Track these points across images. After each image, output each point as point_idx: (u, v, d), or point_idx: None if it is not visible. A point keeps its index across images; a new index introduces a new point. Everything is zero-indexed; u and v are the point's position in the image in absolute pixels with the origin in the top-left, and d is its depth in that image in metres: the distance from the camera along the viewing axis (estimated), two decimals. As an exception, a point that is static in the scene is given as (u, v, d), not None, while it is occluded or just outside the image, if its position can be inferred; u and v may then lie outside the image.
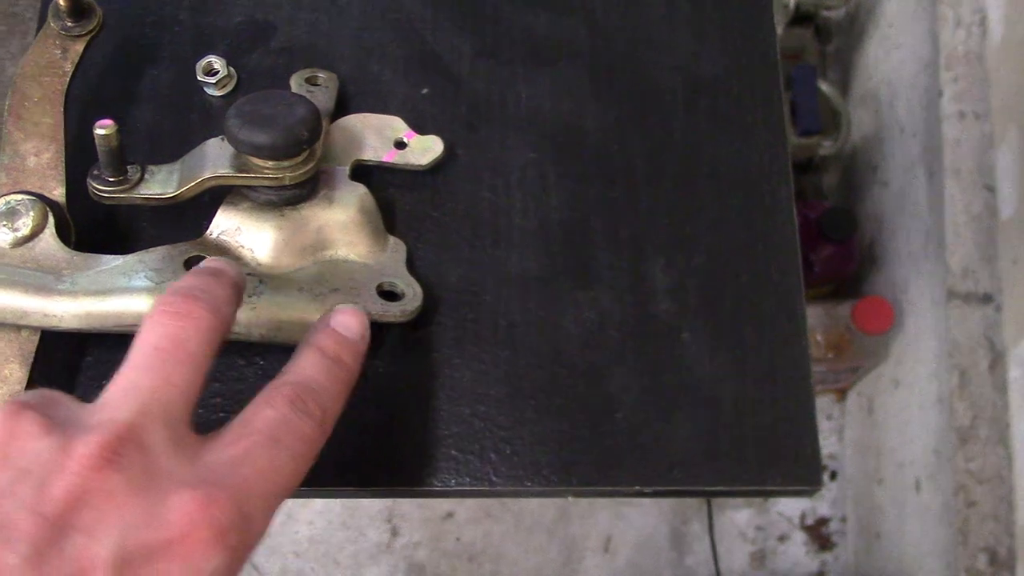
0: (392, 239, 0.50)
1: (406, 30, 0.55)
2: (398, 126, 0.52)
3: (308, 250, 0.48)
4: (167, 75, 0.54)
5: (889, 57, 1.38)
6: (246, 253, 0.48)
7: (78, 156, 0.49)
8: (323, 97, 0.52)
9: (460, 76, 0.54)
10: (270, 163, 0.46)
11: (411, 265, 0.50)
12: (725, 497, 0.48)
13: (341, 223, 0.48)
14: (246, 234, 0.48)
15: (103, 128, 0.44)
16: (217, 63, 0.53)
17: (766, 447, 0.47)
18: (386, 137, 0.52)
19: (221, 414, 0.48)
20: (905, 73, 1.32)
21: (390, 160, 0.51)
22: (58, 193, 0.47)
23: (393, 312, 0.47)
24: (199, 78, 0.53)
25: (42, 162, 0.47)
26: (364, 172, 0.51)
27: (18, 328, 0.45)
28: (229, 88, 0.53)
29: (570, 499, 0.47)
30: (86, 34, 0.50)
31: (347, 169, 0.50)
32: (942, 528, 1.11)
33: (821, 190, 1.47)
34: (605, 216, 0.51)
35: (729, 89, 0.54)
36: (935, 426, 1.15)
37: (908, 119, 1.30)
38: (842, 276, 1.32)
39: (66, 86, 0.49)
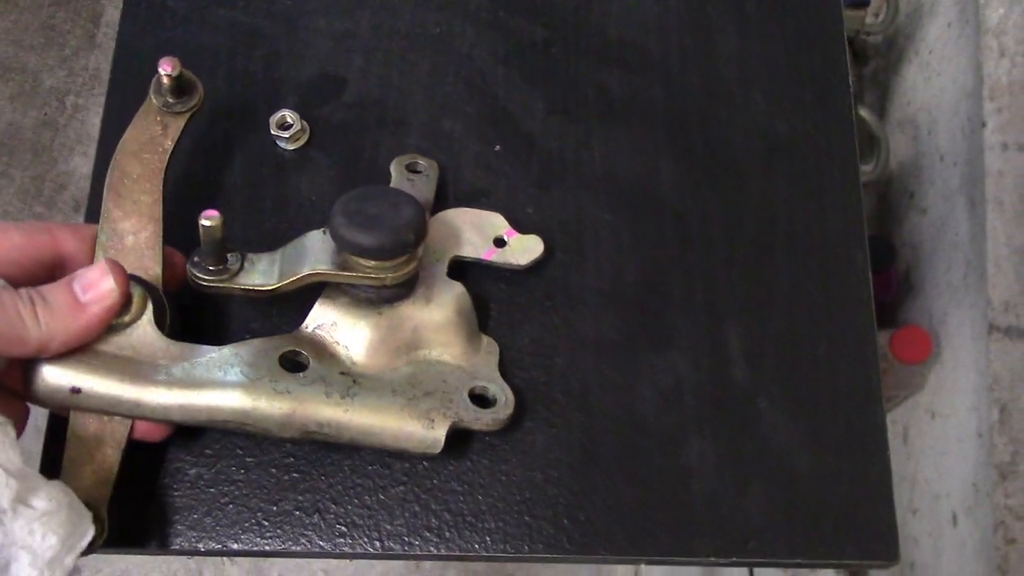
0: (486, 339, 0.49)
1: (478, 86, 0.55)
2: (498, 223, 0.51)
3: (402, 350, 0.47)
4: (239, 128, 0.54)
5: (929, 84, 1.37)
6: (341, 350, 0.47)
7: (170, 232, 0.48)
8: (423, 186, 0.51)
9: (533, 134, 0.54)
10: (373, 263, 0.45)
11: (503, 368, 0.49)
12: (800, 568, 0.48)
13: (437, 323, 0.47)
14: (342, 331, 0.47)
15: (209, 220, 0.43)
16: (290, 117, 0.53)
17: (843, 520, 0.47)
18: (486, 234, 0.51)
19: (294, 474, 0.48)
20: (945, 101, 1.31)
21: (489, 259, 0.50)
22: (153, 273, 0.46)
23: (485, 420, 0.46)
24: (272, 132, 0.53)
25: (140, 241, 0.46)
26: (458, 266, 0.50)
27: (111, 414, 0.45)
28: (302, 142, 0.53)
29: (643, 566, 0.47)
30: (187, 111, 0.48)
31: (445, 266, 0.49)
32: (980, 564, 1.10)
33: (857, 215, 1.47)
34: (681, 278, 0.51)
35: (805, 150, 0.53)
36: (974, 460, 1.14)
37: (948, 147, 1.29)
38: (878, 304, 1.31)
39: (165, 163, 0.48)
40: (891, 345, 1.22)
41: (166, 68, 0.47)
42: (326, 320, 0.47)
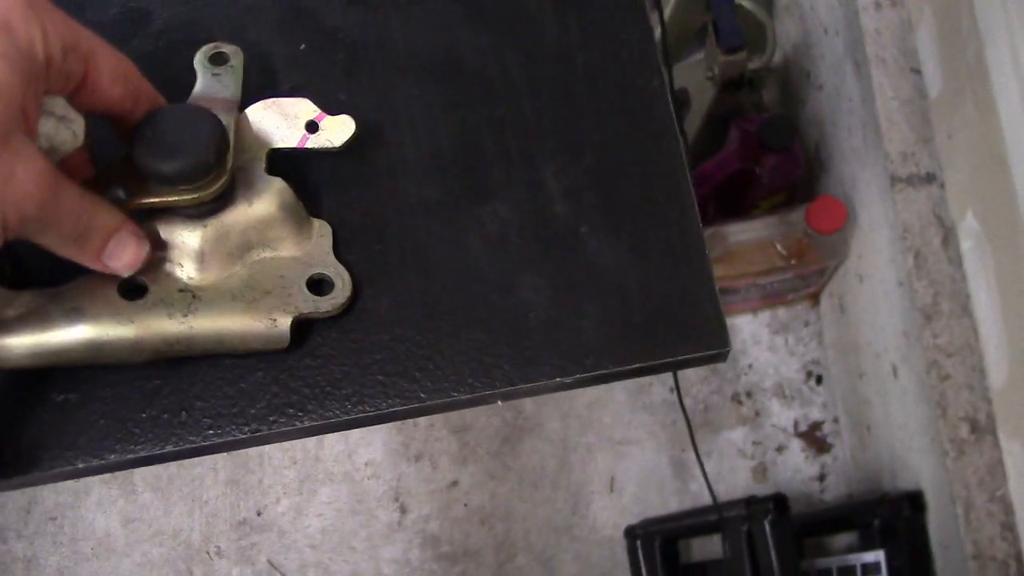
0: (317, 223, 0.51)
1: (276, -8, 0.57)
2: (308, 108, 0.52)
3: (235, 255, 0.49)
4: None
5: (803, -38, 1.39)
6: (176, 269, 0.48)
7: None
8: (230, 80, 0.51)
9: (334, 26, 0.56)
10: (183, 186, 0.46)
11: (338, 247, 0.51)
12: (645, 375, 0.51)
13: (263, 222, 0.49)
14: (173, 250, 0.48)
15: None
16: (100, 54, 0.54)
17: (674, 321, 0.49)
18: (297, 122, 0.51)
19: (156, 381, 0.50)
20: (819, -26, 1.33)
21: (304, 145, 0.51)
22: None
23: (324, 308, 0.48)
24: (85, 72, 0.54)
25: None
26: (277, 159, 0.51)
27: None
28: (116, 76, 0.55)
29: (499, 403, 0.50)
30: None
31: (263, 163, 0.50)
32: (922, 406, 1.13)
33: (762, 104, 1.49)
34: (494, 134, 0.53)
35: (592, -5, 0.56)
36: (900, 310, 1.17)
37: (829, 18, 1.32)
38: (792, 183, 1.34)
39: None
40: (807, 219, 1.24)
41: None
42: (155, 244, 0.49)
